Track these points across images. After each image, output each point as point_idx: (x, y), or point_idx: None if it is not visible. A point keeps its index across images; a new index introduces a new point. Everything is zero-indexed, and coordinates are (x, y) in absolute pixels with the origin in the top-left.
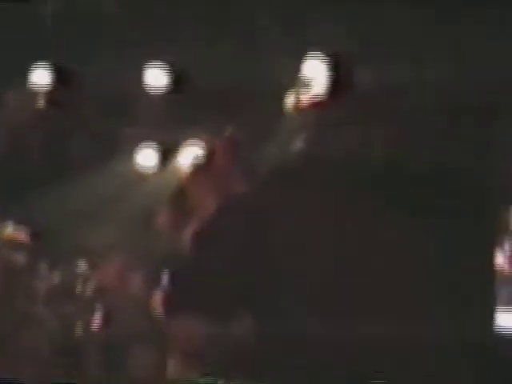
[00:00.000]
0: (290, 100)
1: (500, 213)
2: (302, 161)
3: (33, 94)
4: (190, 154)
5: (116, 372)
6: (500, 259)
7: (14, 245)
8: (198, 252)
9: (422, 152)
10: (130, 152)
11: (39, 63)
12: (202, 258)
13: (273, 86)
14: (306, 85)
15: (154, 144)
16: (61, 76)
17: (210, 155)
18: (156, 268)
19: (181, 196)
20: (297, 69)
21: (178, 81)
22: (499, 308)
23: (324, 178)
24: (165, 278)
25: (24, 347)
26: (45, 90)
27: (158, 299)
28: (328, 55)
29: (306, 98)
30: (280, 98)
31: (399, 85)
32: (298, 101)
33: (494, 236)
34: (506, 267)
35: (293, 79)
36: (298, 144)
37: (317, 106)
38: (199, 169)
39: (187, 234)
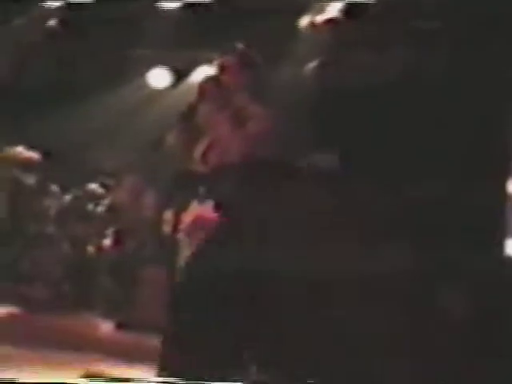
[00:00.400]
0: (304, 21)
1: None
2: (315, 83)
3: (43, 15)
4: (201, 74)
5: (126, 292)
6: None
7: (26, 165)
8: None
9: (440, 75)
10: (141, 72)
11: None
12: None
13: (287, 9)
14: (320, 7)
15: (165, 64)
16: None
17: (220, 73)
18: (167, 188)
19: (192, 114)
20: None
21: (191, 1)
22: (510, 236)
23: (339, 105)
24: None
25: (35, 268)
26: (55, 10)
27: (168, 219)
28: None
29: (320, 19)
30: (294, 19)
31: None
32: (312, 22)
33: (506, 163)
34: None
35: (307, 1)
36: (312, 65)
37: (332, 26)
38: (210, 87)
39: (198, 152)
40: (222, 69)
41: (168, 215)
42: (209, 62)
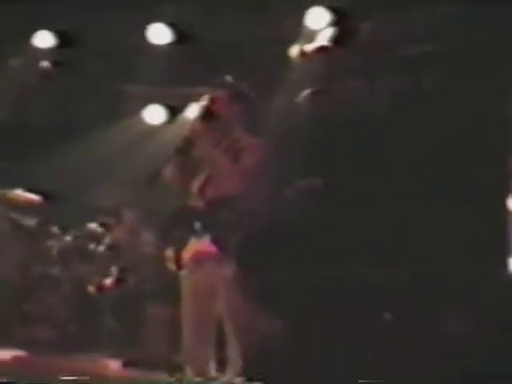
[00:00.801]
0: (294, 51)
1: None
2: (307, 115)
3: (36, 56)
4: (196, 109)
5: (130, 330)
6: None
7: (25, 208)
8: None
9: (432, 101)
10: (135, 109)
11: (42, 24)
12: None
13: (276, 39)
14: (310, 36)
15: (159, 100)
16: (64, 37)
17: (212, 106)
18: (167, 224)
19: (187, 149)
20: (300, 20)
21: (182, 36)
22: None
23: (330, 138)
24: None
25: (39, 310)
26: (49, 51)
27: (170, 256)
28: (331, 6)
29: (310, 48)
30: (284, 49)
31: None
32: (302, 51)
33: (506, 181)
34: None
35: (297, 30)
36: (304, 95)
37: (321, 56)
38: (204, 121)
39: (195, 187)
40: (213, 102)
41: (170, 252)
42: (201, 96)
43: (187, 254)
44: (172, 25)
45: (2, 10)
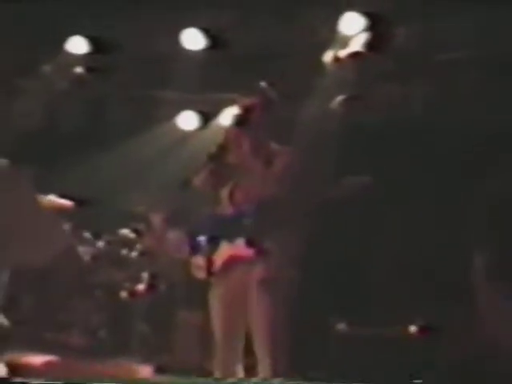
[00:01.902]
0: (328, 56)
1: None
2: (341, 120)
3: (70, 62)
4: (229, 115)
5: (162, 336)
6: None
7: (58, 214)
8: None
9: (460, 109)
10: (169, 115)
11: (75, 30)
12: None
13: (310, 44)
14: (344, 41)
15: (192, 106)
16: (97, 43)
17: (246, 113)
18: (198, 231)
19: (219, 155)
20: (334, 25)
21: (215, 41)
22: None
23: (364, 143)
24: (203, 242)
25: (71, 315)
26: (82, 57)
27: (198, 263)
28: (365, 12)
29: (344, 54)
30: (318, 55)
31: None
32: (336, 57)
33: None
34: None
35: (331, 35)
36: (337, 101)
37: (355, 61)
38: (237, 127)
39: (225, 194)
40: (247, 109)
41: (199, 260)
42: (234, 102)
43: (220, 259)
44: (206, 30)
45: (35, 16)
